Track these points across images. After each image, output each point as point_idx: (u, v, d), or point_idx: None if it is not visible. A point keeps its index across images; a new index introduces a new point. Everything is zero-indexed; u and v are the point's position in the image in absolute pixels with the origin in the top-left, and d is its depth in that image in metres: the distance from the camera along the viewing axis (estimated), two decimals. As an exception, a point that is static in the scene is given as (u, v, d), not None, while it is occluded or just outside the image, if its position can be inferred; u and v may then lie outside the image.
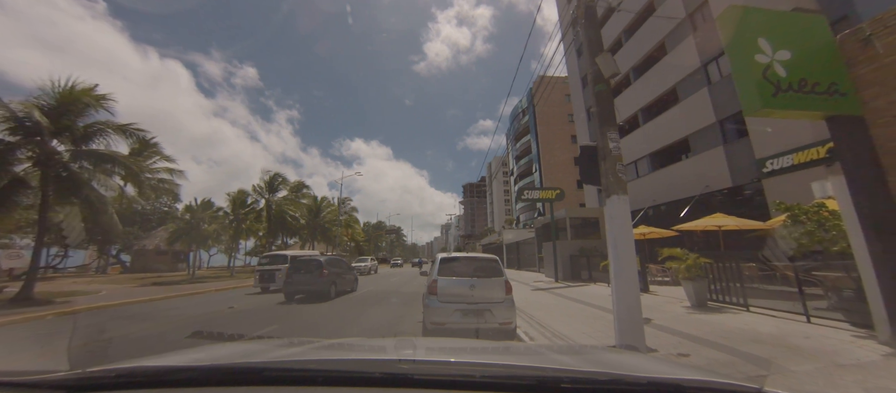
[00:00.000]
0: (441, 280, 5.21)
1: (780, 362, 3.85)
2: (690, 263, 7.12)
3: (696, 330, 5.43)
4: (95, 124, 13.38)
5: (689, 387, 0.94)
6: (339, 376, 1.05)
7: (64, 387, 0.97)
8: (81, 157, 12.61)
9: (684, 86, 17.01)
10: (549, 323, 6.55)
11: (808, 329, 5.15)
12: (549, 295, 10.77)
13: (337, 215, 37.06)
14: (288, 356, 1.37)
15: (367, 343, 1.88)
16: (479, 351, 1.60)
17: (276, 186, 32.28)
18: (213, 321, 7.61)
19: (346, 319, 7.56)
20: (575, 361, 1.40)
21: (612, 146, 3.75)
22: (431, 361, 1.28)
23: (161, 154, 27.60)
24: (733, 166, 14.28)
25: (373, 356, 1.34)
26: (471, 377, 1.02)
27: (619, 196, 3.62)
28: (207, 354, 1.36)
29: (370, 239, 59.02)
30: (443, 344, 2.00)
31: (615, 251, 3.47)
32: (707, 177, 15.38)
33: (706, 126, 15.65)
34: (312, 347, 1.62)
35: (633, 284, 3.36)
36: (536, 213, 45.32)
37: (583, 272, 15.24)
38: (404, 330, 6.41)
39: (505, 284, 5.27)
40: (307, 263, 11.08)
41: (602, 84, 4.00)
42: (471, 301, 5.04)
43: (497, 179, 79.38)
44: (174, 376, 1.06)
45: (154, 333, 6.52)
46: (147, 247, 31.68)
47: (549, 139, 44.45)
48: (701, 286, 7.10)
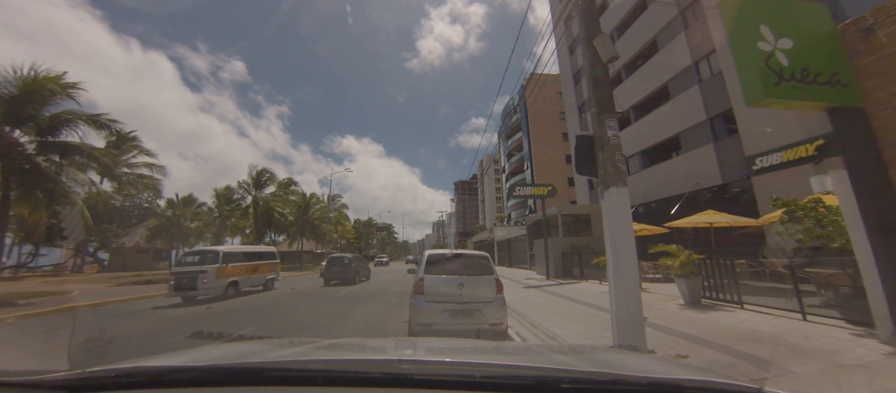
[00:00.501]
0: (428, 279, 4.91)
1: (782, 363, 3.68)
2: (684, 259, 6.98)
3: (693, 329, 5.27)
4: (62, 114, 12.61)
5: (689, 387, 0.94)
6: (339, 376, 1.05)
7: (64, 387, 0.97)
8: (47, 148, 11.84)
9: (676, 83, 17.03)
10: (541, 322, 6.32)
11: (805, 327, 5.03)
12: (541, 293, 10.59)
13: (326, 212, 36.33)
14: (288, 356, 1.36)
15: (367, 343, 1.87)
16: (479, 351, 1.58)
17: (264, 183, 31.46)
18: (193, 322, 7.14)
19: (319, 326, 7.20)
20: (575, 361, 1.38)
21: (611, 135, 3.50)
22: (431, 362, 1.27)
23: (140, 148, 26.57)
24: (723, 164, 14.34)
25: (373, 356, 1.33)
26: (471, 377, 1.01)
27: (617, 188, 3.37)
28: (207, 354, 1.35)
29: (361, 236, 58.27)
30: (443, 344, 1.99)
31: (614, 247, 3.22)
32: (697, 174, 15.43)
33: (697, 123, 15.69)
34: (312, 347, 1.61)
35: (633, 283, 3.11)
36: (527, 210, 45.41)
37: (574, 269, 15.15)
38: (390, 332, 6.10)
39: (495, 282, 5.00)
40: (340, 259, 15.85)
41: (599, 69, 3.73)
42: (459, 301, 4.76)
43: (488, 176, 79.43)
44: (174, 376, 1.05)
45: (138, 334, 6.04)
46: (126, 245, 30.47)
47: (540, 137, 44.49)
48: (695, 283, 6.97)
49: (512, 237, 30.18)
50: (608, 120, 3.55)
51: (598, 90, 3.71)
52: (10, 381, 0.99)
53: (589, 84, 3.91)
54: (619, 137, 3.55)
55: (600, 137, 3.53)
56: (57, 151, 11.98)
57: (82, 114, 13.33)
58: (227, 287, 10.96)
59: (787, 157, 11.27)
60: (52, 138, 12.35)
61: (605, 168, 3.44)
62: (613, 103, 3.69)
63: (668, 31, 17.53)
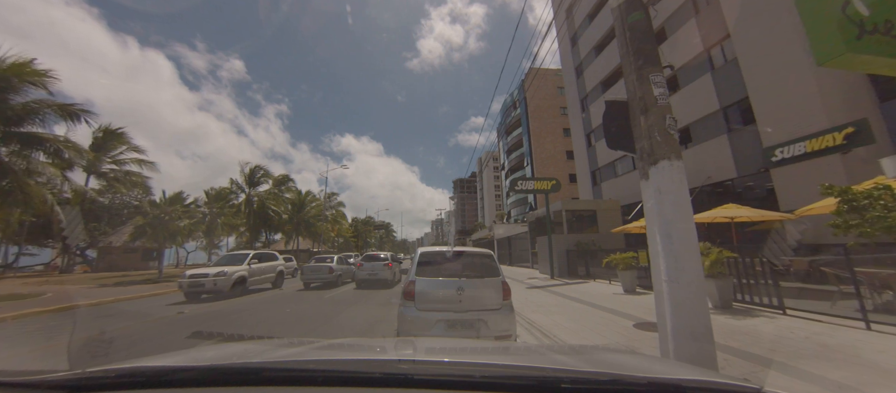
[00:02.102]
0: (420, 281, 4.06)
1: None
2: (714, 258, 6.15)
3: (737, 340, 4.44)
4: (29, 104, 11.67)
5: (690, 387, 0.94)
6: (339, 376, 1.05)
7: (64, 387, 0.97)
8: (9, 140, 10.91)
9: (685, 72, 16.18)
10: (552, 330, 5.48)
11: (875, 340, 4.20)
12: (547, 294, 9.76)
13: (321, 210, 35.41)
14: (287, 356, 1.34)
15: (367, 343, 1.84)
16: (479, 351, 1.54)
17: (258, 180, 30.50)
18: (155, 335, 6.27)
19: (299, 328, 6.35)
20: (575, 361, 1.36)
21: (658, 93, 2.64)
22: (431, 362, 1.27)
23: (129, 144, 25.59)
24: (738, 156, 13.52)
25: (372, 356, 1.33)
26: (470, 377, 1.02)
27: (670, 161, 2.52)
28: (207, 354, 1.34)
29: (358, 235, 57.29)
30: (443, 344, 1.96)
31: (668, 242, 2.36)
32: (709, 167, 14.62)
33: (708, 114, 14.86)
34: (312, 347, 1.59)
35: (697, 290, 2.23)
36: (528, 207, 44.62)
37: (580, 268, 14.34)
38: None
39: (502, 285, 4.16)
40: (375, 256, 14.45)
41: (638, 13, 2.88)
42: (459, 309, 3.91)
43: (487, 174, 78.58)
44: (174, 376, 1.05)
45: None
46: (114, 244, 29.51)
47: (540, 132, 43.67)
48: (725, 285, 6.14)
49: (512, 235, 29.35)
50: (653, 74, 2.70)
51: (637, 39, 2.86)
52: (10, 381, 0.99)
53: (622, 37, 3.04)
54: (668, 96, 2.69)
55: (643, 98, 2.68)
56: (19, 143, 11.04)
57: (52, 103, 12.40)
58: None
59: (812, 147, 10.45)
60: (17, 128, 11.44)
61: (651, 137, 2.59)
62: (658, 54, 2.84)
63: (676, 18, 16.67)
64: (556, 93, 44.37)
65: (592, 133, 25.02)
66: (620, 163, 21.71)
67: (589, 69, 25.46)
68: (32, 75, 11.96)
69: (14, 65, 11.56)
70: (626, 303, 7.64)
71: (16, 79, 11.48)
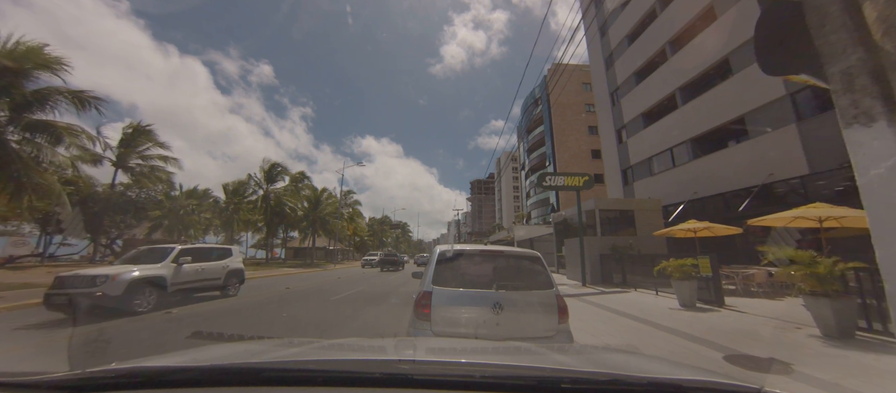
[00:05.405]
0: (439, 293, 2.84)
1: None
2: (825, 270, 4.63)
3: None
4: (42, 90, 11.43)
5: (690, 387, 0.93)
6: (339, 376, 1.04)
7: (64, 387, 0.97)
8: (14, 124, 10.63)
9: (739, 55, 14.21)
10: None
11: None
12: (583, 304, 8.34)
13: (337, 208, 34.96)
14: (287, 356, 1.32)
15: (367, 343, 1.82)
16: (480, 351, 1.51)
17: (275, 177, 30.43)
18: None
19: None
20: (575, 361, 1.36)
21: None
22: (431, 362, 1.26)
23: (154, 140, 26.05)
24: (810, 149, 11.54)
25: (373, 357, 1.31)
26: (470, 377, 1.01)
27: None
28: (207, 354, 1.33)
29: (375, 234, 56.93)
30: (443, 344, 1.93)
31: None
32: (770, 163, 12.66)
33: (771, 101, 12.87)
34: (312, 348, 1.59)
35: None
36: (549, 209, 42.61)
37: (615, 275, 12.74)
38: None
39: (556, 300, 2.90)
40: (392, 254, 19.40)
41: None
42: (494, 334, 2.69)
43: (506, 175, 76.71)
44: (174, 376, 1.05)
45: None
46: (137, 236, 30.25)
47: (563, 130, 41.63)
48: (845, 307, 4.59)
49: (534, 237, 27.69)
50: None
51: None
52: (10, 381, 0.99)
53: None
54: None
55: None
56: (27, 130, 10.76)
57: (64, 90, 12.15)
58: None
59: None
60: (29, 115, 11.20)
61: (883, 46, 1.29)
62: None
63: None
64: (581, 89, 42.23)
65: (624, 128, 23.06)
66: (657, 160, 19.74)
67: (620, 60, 23.56)
68: (46, 61, 11.77)
69: (27, 50, 11.39)
70: (691, 322, 6.16)
71: (29, 64, 11.28)
